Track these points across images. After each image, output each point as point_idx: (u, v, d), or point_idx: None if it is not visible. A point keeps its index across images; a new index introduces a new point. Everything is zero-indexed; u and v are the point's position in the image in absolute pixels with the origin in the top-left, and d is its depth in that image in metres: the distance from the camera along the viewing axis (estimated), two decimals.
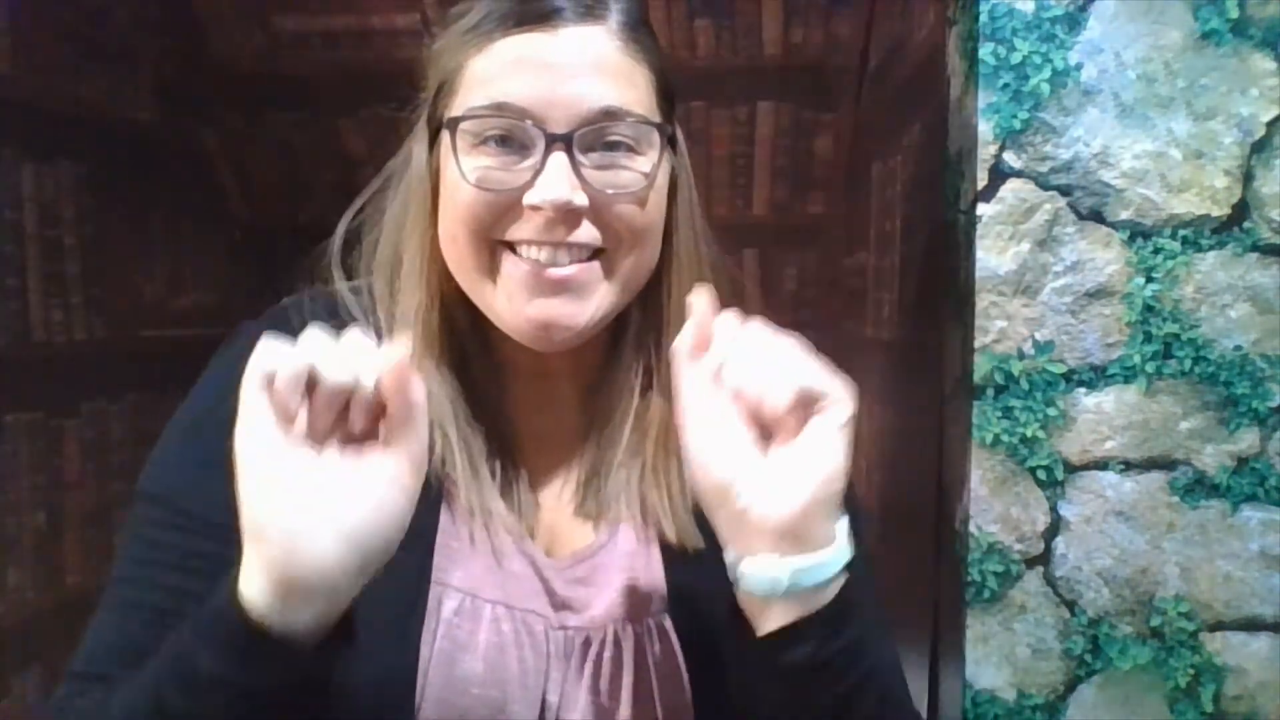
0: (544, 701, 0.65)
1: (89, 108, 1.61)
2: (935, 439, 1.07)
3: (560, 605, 0.68)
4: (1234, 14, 0.92)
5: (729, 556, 0.58)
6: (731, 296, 0.76)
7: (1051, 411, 0.95)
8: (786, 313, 2.17)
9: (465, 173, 0.64)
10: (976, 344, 0.95)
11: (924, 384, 1.12)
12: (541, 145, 0.63)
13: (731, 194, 2.02)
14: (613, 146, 0.64)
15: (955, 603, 0.99)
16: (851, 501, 0.60)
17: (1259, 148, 0.93)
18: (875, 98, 1.68)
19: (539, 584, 0.67)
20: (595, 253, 0.65)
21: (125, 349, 1.68)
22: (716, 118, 1.93)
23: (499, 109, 0.63)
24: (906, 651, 0.95)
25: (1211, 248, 0.94)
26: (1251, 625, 0.95)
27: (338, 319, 0.69)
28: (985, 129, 0.94)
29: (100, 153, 1.61)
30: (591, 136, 0.63)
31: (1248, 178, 0.93)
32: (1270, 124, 0.93)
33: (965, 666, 0.97)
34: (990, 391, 0.95)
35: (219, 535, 0.56)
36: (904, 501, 1.22)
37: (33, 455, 1.50)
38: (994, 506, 0.96)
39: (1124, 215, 0.94)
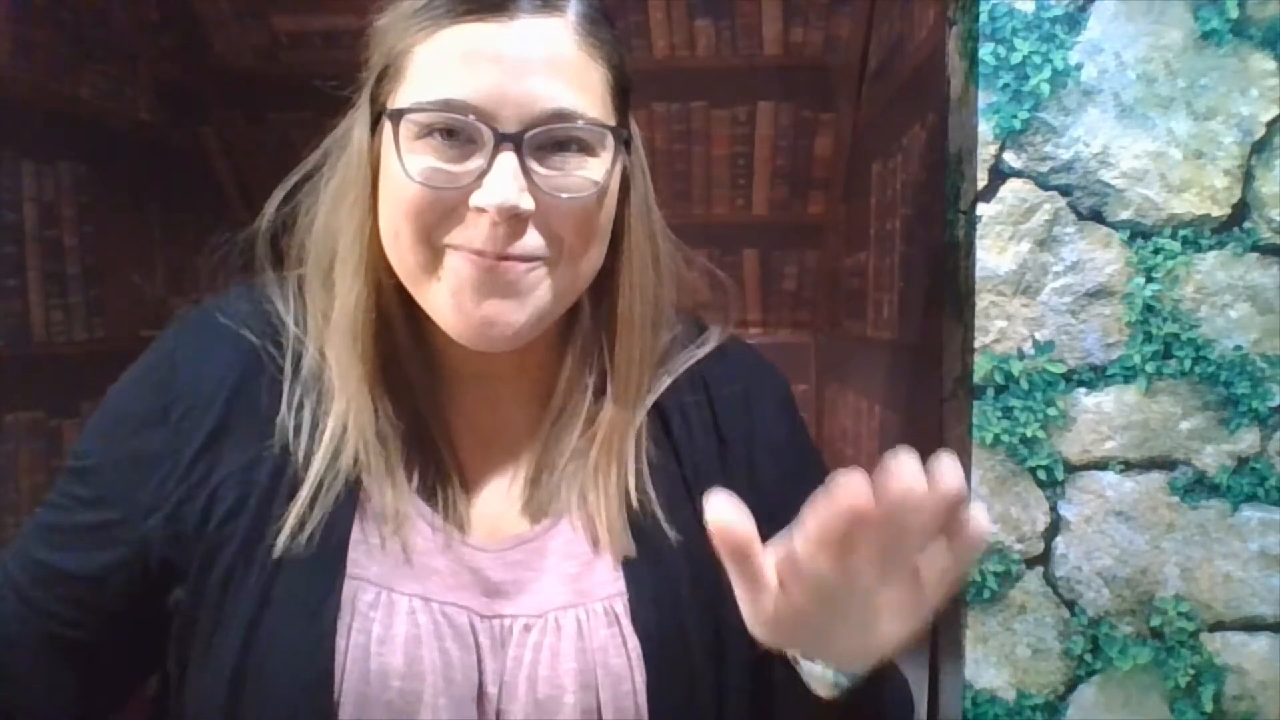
0: (482, 694, 0.63)
1: (89, 108, 1.61)
2: (935, 439, 1.07)
3: (493, 592, 0.66)
4: (1234, 14, 0.92)
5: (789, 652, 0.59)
6: (707, 294, 0.75)
7: (1051, 411, 0.95)
8: (786, 313, 2.19)
9: (409, 170, 0.61)
10: (976, 344, 0.95)
11: (924, 384, 1.12)
12: (490, 144, 0.59)
13: (731, 194, 2.02)
14: (564, 146, 0.61)
15: (955, 602, 0.99)
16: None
17: (1259, 148, 0.93)
18: (875, 98, 1.68)
19: (467, 576, 0.66)
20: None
21: (125, 349, 1.68)
22: (716, 118, 1.93)
23: (446, 105, 0.60)
24: (906, 651, 0.94)
25: (1211, 248, 0.94)
26: (1251, 625, 0.95)
27: (259, 309, 0.70)
28: (985, 129, 0.94)
29: (100, 153, 1.61)
30: (542, 137, 0.60)
31: (1248, 178, 0.93)
32: (1270, 124, 0.93)
33: (965, 666, 0.97)
34: (990, 391, 0.95)
35: (99, 501, 0.66)
36: None
37: (33, 455, 1.50)
38: (994, 506, 0.95)
39: (1124, 215, 0.94)
